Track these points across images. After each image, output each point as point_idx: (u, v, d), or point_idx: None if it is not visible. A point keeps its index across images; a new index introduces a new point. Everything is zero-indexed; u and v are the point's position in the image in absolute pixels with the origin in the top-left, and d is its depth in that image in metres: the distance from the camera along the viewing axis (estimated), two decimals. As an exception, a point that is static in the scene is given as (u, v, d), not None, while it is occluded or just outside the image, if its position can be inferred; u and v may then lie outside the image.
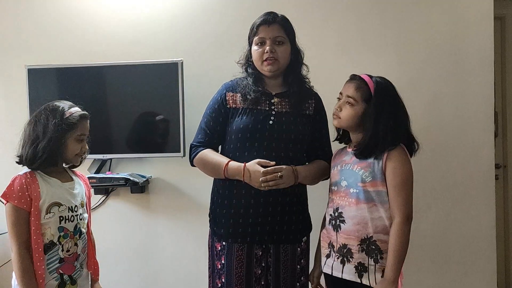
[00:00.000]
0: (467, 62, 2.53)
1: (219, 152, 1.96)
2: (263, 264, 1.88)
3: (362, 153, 1.74)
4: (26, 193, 1.66)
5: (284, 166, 1.80)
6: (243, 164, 1.81)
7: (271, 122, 1.87)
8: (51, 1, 2.78)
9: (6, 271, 2.61)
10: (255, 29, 1.89)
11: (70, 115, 1.74)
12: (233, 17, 2.66)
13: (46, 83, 2.63)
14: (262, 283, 1.88)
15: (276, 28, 1.88)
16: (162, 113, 2.59)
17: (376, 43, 2.57)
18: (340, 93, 1.80)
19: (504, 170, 3.28)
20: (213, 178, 2.00)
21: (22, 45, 2.80)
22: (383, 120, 1.70)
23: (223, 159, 1.86)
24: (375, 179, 1.70)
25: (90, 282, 1.88)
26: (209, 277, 1.98)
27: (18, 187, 1.66)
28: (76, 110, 1.78)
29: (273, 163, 1.79)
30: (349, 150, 1.82)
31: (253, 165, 1.79)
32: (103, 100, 2.64)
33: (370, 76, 1.77)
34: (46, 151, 1.69)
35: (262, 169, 1.77)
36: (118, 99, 2.62)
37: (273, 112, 1.89)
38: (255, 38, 1.89)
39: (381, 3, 2.58)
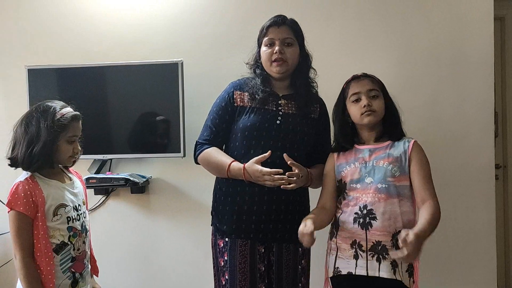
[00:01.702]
0: (467, 62, 2.53)
1: (224, 150, 1.96)
2: (265, 262, 1.88)
3: (397, 136, 1.81)
4: (31, 199, 1.65)
5: (302, 168, 1.81)
6: (243, 166, 1.81)
7: (278, 122, 1.88)
8: (51, 1, 2.78)
9: (6, 271, 2.62)
10: (264, 30, 1.91)
11: (61, 116, 1.70)
12: (233, 17, 2.66)
13: (46, 83, 2.64)
14: (266, 281, 1.87)
15: (286, 29, 1.90)
16: (162, 113, 2.59)
17: (377, 43, 2.57)
18: (356, 93, 1.80)
19: (504, 170, 3.28)
20: (214, 178, 2.00)
21: (22, 46, 2.80)
22: (393, 102, 1.85)
23: (227, 160, 1.86)
24: (402, 173, 1.74)
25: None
26: (214, 276, 1.98)
27: (23, 194, 1.65)
28: (68, 110, 1.74)
29: (269, 153, 1.78)
30: (362, 147, 1.82)
31: (251, 165, 1.79)
32: (103, 100, 2.64)
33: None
34: (42, 154, 1.66)
35: (260, 168, 1.76)
36: (118, 99, 2.62)
37: (280, 113, 1.90)
38: (265, 39, 1.91)
39: (382, 4, 2.58)
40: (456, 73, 2.54)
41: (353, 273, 1.74)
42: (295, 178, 1.77)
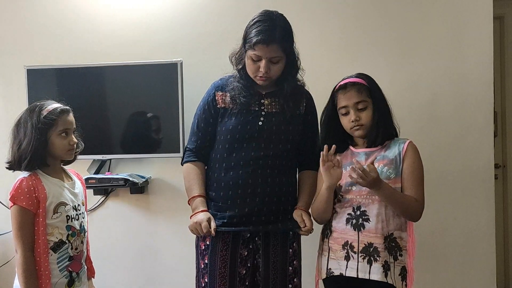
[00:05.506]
0: (467, 62, 2.53)
1: (211, 152, 1.94)
2: (248, 265, 1.86)
3: (380, 141, 1.77)
4: (34, 195, 1.67)
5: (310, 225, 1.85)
6: (201, 208, 1.85)
7: (260, 123, 1.85)
8: (50, 1, 2.78)
9: (6, 271, 2.61)
10: (252, 45, 1.78)
11: (48, 113, 1.73)
12: (233, 17, 2.65)
13: (45, 83, 2.63)
14: (247, 283, 1.85)
15: (275, 48, 1.78)
16: (162, 113, 2.59)
17: (376, 42, 2.57)
18: (344, 107, 1.78)
19: (504, 170, 3.29)
20: None
21: (21, 46, 2.79)
22: (384, 102, 1.80)
23: (195, 190, 1.89)
24: (397, 175, 1.73)
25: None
26: (196, 277, 1.97)
27: (26, 189, 1.67)
28: (55, 106, 1.76)
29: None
30: (358, 150, 1.81)
31: (204, 217, 1.82)
32: (102, 101, 2.64)
33: (352, 76, 1.82)
34: (29, 152, 1.68)
35: (205, 223, 1.79)
36: (118, 100, 2.62)
37: (263, 113, 1.87)
38: (251, 53, 1.80)
39: (381, 3, 2.58)
40: (456, 73, 2.54)
41: (344, 275, 1.73)
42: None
